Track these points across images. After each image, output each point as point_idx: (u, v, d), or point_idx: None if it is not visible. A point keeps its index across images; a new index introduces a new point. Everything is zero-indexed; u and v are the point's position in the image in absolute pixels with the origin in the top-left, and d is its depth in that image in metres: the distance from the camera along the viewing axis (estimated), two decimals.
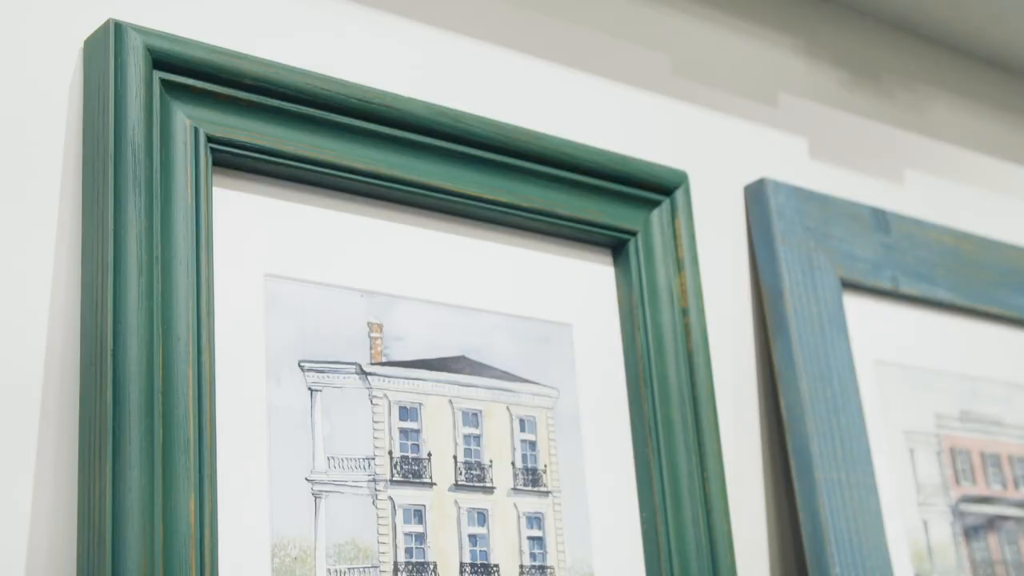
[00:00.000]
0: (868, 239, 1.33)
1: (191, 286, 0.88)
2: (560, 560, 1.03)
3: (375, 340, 0.99)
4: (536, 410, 1.06)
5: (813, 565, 1.16)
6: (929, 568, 1.26)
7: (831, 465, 1.19)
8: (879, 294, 1.34)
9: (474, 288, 1.06)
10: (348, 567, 0.93)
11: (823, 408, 1.21)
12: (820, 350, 1.23)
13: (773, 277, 1.24)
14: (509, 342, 1.07)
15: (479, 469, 1.02)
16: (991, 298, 1.44)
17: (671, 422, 1.10)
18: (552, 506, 1.05)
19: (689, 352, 1.13)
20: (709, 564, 1.08)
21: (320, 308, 0.97)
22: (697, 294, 1.16)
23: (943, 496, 1.31)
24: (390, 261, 1.02)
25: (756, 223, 1.27)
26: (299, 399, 0.94)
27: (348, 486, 0.95)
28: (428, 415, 1.00)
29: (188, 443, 0.85)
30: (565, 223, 1.12)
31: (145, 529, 0.81)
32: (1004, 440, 1.40)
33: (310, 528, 0.92)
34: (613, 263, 1.16)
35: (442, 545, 0.98)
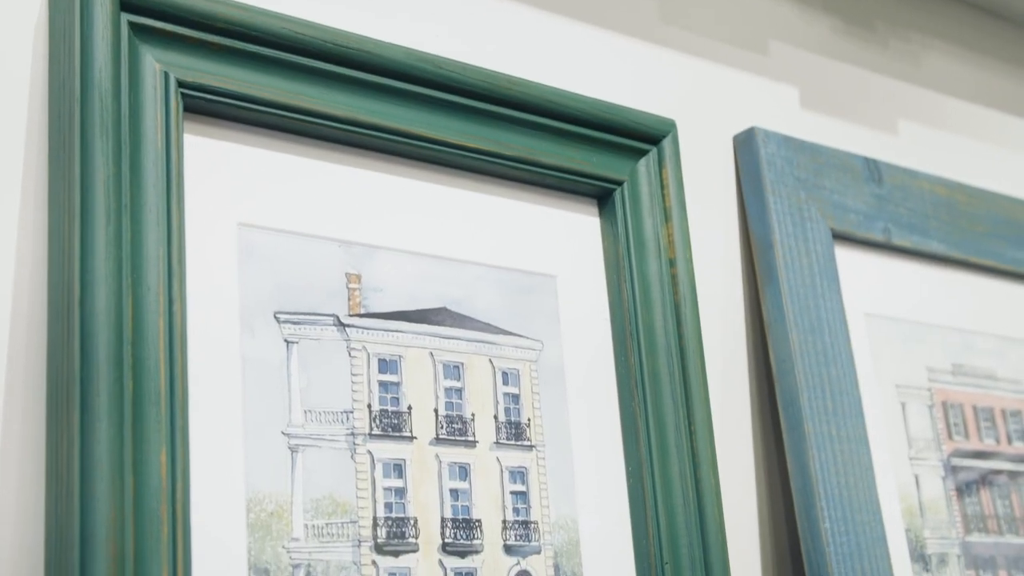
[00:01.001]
0: (860, 190, 1.31)
1: (161, 235, 0.86)
2: (544, 515, 1.01)
3: (353, 291, 0.97)
4: (519, 363, 1.04)
5: (803, 519, 1.14)
6: (920, 523, 1.24)
7: (821, 418, 1.17)
8: (871, 246, 1.32)
9: (456, 238, 1.04)
10: (326, 522, 0.91)
11: (813, 361, 1.19)
12: (811, 302, 1.21)
13: (763, 228, 1.22)
14: (492, 294, 1.04)
15: (461, 423, 1.00)
16: (985, 250, 1.42)
17: (658, 375, 1.08)
18: (536, 460, 1.03)
19: (676, 304, 1.11)
20: (696, 519, 1.06)
21: (296, 258, 0.95)
22: (685, 245, 1.13)
23: (935, 450, 1.29)
24: (368, 210, 1.00)
25: (746, 173, 1.25)
26: (275, 351, 0.92)
27: (326, 440, 0.93)
28: (408, 368, 0.98)
29: (159, 395, 0.83)
30: (550, 172, 1.09)
31: (115, 483, 0.79)
32: (997, 394, 1.38)
33: (286, 483, 0.90)
34: (599, 213, 1.13)
35: (423, 500, 0.96)
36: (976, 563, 1.28)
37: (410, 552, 0.94)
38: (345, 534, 0.91)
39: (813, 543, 1.13)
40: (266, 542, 0.87)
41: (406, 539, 0.94)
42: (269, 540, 0.87)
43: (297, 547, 0.89)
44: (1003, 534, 1.31)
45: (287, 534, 0.88)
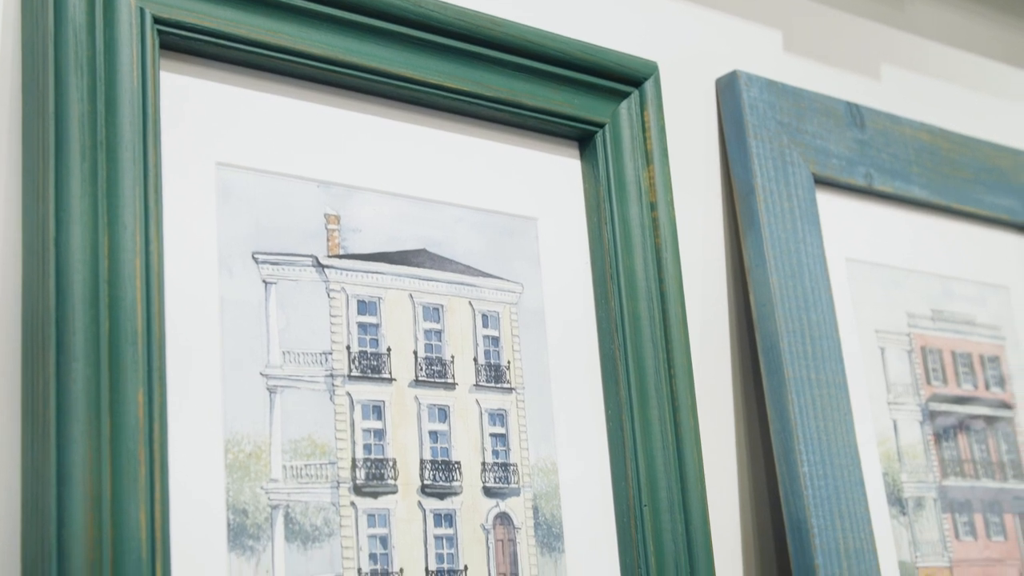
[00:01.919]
0: (842, 135, 1.31)
1: (138, 173, 0.85)
2: (523, 457, 1.01)
3: (332, 232, 0.96)
4: (499, 305, 1.04)
5: (781, 463, 1.14)
6: (898, 467, 1.25)
7: (801, 363, 1.17)
8: (853, 191, 1.32)
9: (436, 180, 1.03)
10: (304, 463, 0.91)
11: (793, 306, 1.19)
12: (791, 247, 1.21)
13: (744, 172, 1.21)
14: (472, 236, 1.04)
15: (440, 365, 0.99)
16: (966, 197, 1.42)
17: (638, 318, 1.08)
18: (515, 403, 1.02)
19: (657, 247, 1.11)
20: (675, 462, 1.06)
21: (274, 199, 0.94)
22: (666, 188, 1.13)
23: (913, 395, 1.30)
24: (348, 151, 0.99)
25: (728, 117, 1.24)
26: (253, 292, 0.91)
27: (304, 381, 0.92)
28: (387, 309, 0.98)
29: (136, 335, 0.82)
30: (531, 114, 1.08)
31: (91, 423, 0.78)
32: (975, 340, 1.38)
33: (265, 424, 0.89)
34: (580, 156, 1.13)
35: (402, 441, 0.96)
36: (952, 506, 1.28)
37: (389, 494, 0.94)
38: (324, 475, 0.91)
39: (791, 486, 1.13)
40: (244, 483, 0.87)
41: (385, 481, 0.94)
42: (247, 481, 0.87)
43: (275, 488, 0.89)
44: (979, 478, 1.32)
45: (265, 475, 0.88)
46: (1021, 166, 1.48)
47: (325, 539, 0.90)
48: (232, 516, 0.86)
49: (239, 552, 0.86)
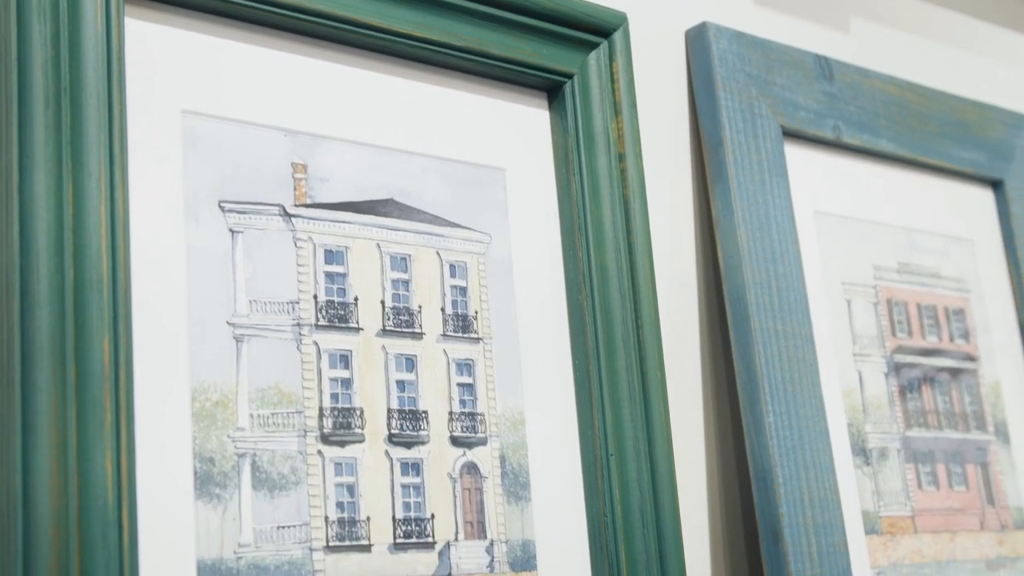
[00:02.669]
0: (811, 87, 1.31)
1: (102, 120, 0.84)
2: (490, 407, 1.02)
3: (299, 181, 0.96)
4: (467, 255, 1.04)
5: (747, 413, 1.15)
6: (862, 418, 1.26)
7: (767, 314, 1.17)
8: (821, 144, 1.32)
9: (404, 129, 1.03)
10: (271, 412, 0.91)
11: (761, 258, 1.19)
12: (759, 199, 1.21)
13: (713, 124, 1.22)
14: (440, 186, 1.04)
15: (407, 315, 1.00)
16: (934, 150, 1.42)
17: (605, 269, 1.08)
18: (483, 353, 1.03)
19: (625, 198, 1.11)
20: (642, 412, 1.06)
21: (241, 147, 0.94)
22: (634, 139, 1.13)
23: (879, 347, 1.31)
24: (315, 99, 0.98)
25: (697, 69, 1.24)
26: (219, 241, 0.91)
27: (271, 330, 0.92)
28: (355, 259, 0.98)
29: (101, 283, 0.82)
30: (499, 64, 1.08)
31: (56, 370, 0.78)
32: (941, 292, 1.39)
33: (231, 372, 0.89)
34: (548, 106, 1.12)
35: (369, 391, 0.96)
36: (915, 457, 1.30)
37: (356, 442, 0.94)
38: (291, 424, 0.91)
39: (757, 436, 1.14)
40: (211, 431, 0.87)
41: (352, 430, 0.94)
42: (214, 429, 0.87)
43: (242, 437, 0.89)
44: (942, 429, 1.34)
45: (232, 424, 0.88)
46: (988, 120, 1.49)
47: (292, 487, 0.90)
48: (199, 464, 0.86)
49: (206, 500, 0.86)
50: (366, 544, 0.93)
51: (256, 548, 0.87)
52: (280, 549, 0.88)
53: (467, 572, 0.97)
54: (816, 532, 1.14)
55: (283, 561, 0.88)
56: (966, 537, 1.31)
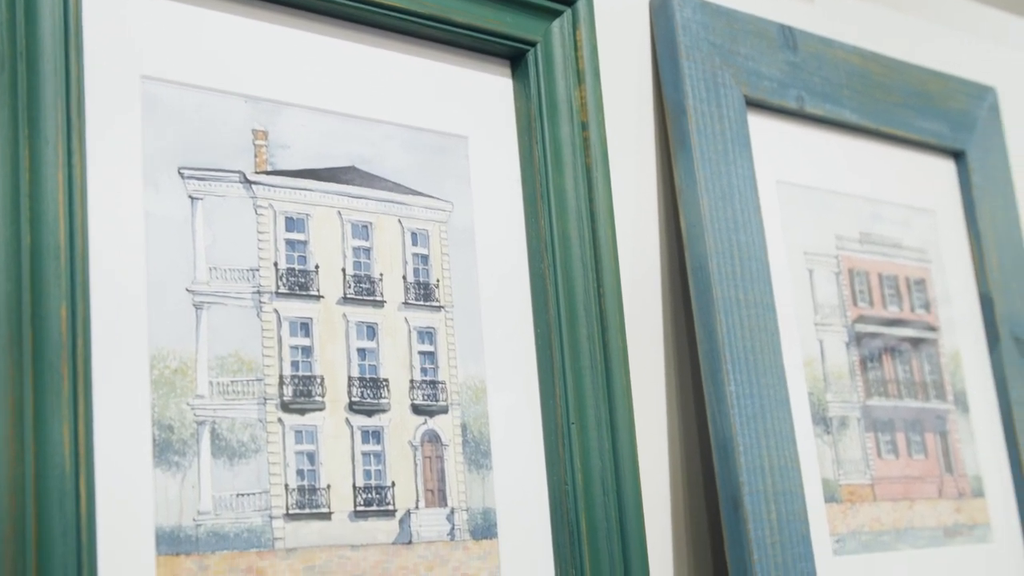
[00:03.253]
0: (775, 57, 1.31)
1: (59, 85, 0.83)
2: (452, 375, 1.02)
3: (260, 148, 0.96)
4: (429, 223, 1.04)
5: (708, 382, 1.15)
6: (823, 386, 1.27)
7: (729, 284, 1.18)
8: (784, 113, 1.32)
9: (365, 96, 1.02)
10: (231, 379, 0.90)
11: (723, 227, 1.19)
12: (722, 168, 1.21)
13: (676, 93, 1.21)
14: (402, 153, 1.03)
15: (369, 282, 0.99)
16: (896, 120, 1.43)
17: (568, 237, 1.08)
18: (444, 321, 1.03)
19: (588, 167, 1.11)
20: (603, 380, 1.07)
21: (201, 113, 0.93)
22: (597, 108, 1.13)
23: (840, 316, 1.31)
24: (276, 66, 0.98)
25: (661, 37, 1.24)
26: (179, 207, 0.91)
27: (231, 297, 0.92)
28: (315, 226, 0.97)
29: (58, 249, 0.81)
30: (462, 32, 1.07)
31: (12, 337, 0.78)
32: (902, 262, 1.40)
33: (191, 340, 0.89)
34: (512, 74, 1.12)
35: (329, 358, 0.96)
36: (875, 426, 1.30)
37: (316, 410, 0.94)
38: (251, 392, 0.91)
39: (718, 405, 1.15)
40: (170, 399, 0.87)
41: (312, 397, 0.94)
42: (173, 397, 0.87)
43: (201, 404, 0.88)
44: (902, 398, 1.34)
45: (191, 391, 0.88)
46: (950, 91, 1.49)
47: (252, 455, 0.90)
48: (157, 432, 0.86)
49: (164, 468, 0.86)
50: (326, 512, 0.93)
51: (215, 516, 0.87)
52: (240, 517, 0.88)
53: (428, 540, 0.97)
54: (776, 500, 1.15)
55: (243, 529, 0.88)
56: (924, 505, 1.32)
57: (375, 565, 0.94)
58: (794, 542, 1.15)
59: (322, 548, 0.92)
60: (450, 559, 0.98)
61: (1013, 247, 1.50)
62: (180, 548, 0.85)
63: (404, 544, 0.96)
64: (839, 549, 1.22)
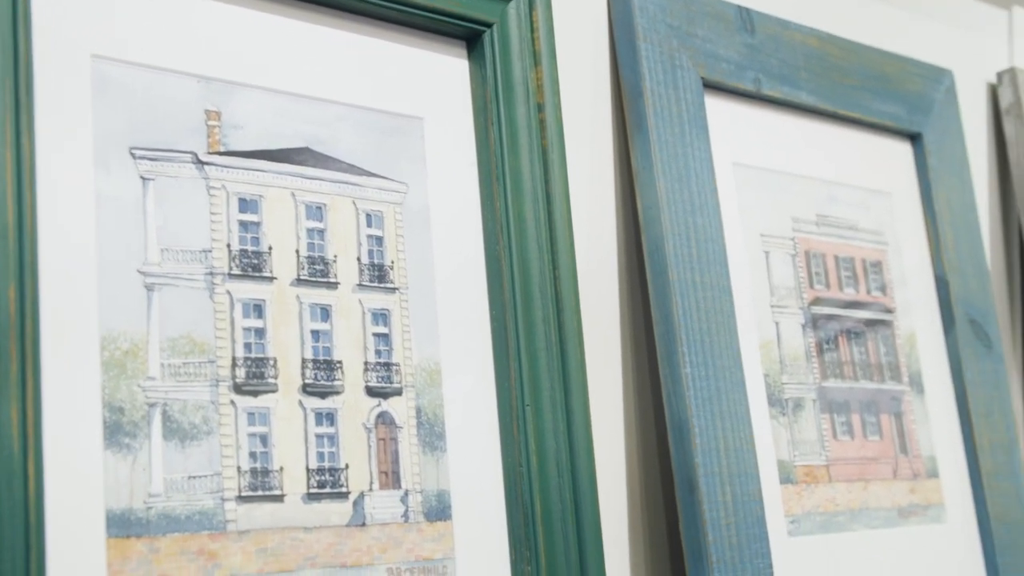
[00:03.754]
0: (732, 39, 1.31)
1: (7, 63, 0.83)
2: (406, 356, 1.02)
3: (212, 128, 0.95)
4: (384, 205, 1.03)
5: (664, 364, 1.16)
6: (779, 368, 1.27)
7: (685, 266, 1.18)
8: (741, 96, 1.33)
9: (320, 77, 1.02)
10: (183, 361, 0.90)
11: (680, 209, 1.19)
12: (679, 150, 1.21)
13: (633, 75, 1.21)
14: (356, 134, 1.03)
15: (322, 264, 0.99)
16: (853, 103, 1.43)
17: (523, 219, 1.08)
18: (399, 302, 1.02)
19: (544, 148, 1.11)
20: (559, 363, 1.07)
21: (153, 93, 0.92)
22: (554, 90, 1.12)
23: (796, 298, 1.32)
24: (229, 46, 0.97)
25: (618, 19, 1.24)
26: (130, 188, 0.90)
27: (183, 279, 0.91)
28: (269, 208, 0.97)
29: (6, 229, 0.80)
30: (418, 12, 1.07)
31: None
32: (858, 244, 1.41)
33: (142, 321, 0.88)
34: (468, 56, 1.12)
35: (283, 340, 0.95)
36: (831, 407, 1.31)
37: (269, 392, 0.94)
38: (203, 374, 0.91)
39: (674, 387, 1.15)
40: (120, 380, 0.86)
41: (265, 379, 0.94)
42: (124, 379, 0.87)
43: (153, 386, 0.88)
44: (858, 379, 1.35)
45: (142, 373, 0.88)
46: (907, 73, 1.50)
47: (204, 437, 0.90)
48: (108, 414, 0.85)
49: (115, 450, 0.85)
50: (279, 494, 0.92)
51: (167, 498, 0.87)
52: (191, 499, 0.88)
53: (381, 522, 0.97)
54: (731, 481, 1.15)
55: (194, 511, 0.88)
56: (879, 486, 1.33)
57: (328, 547, 0.94)
58: (749, 523, 1.16)
59: (274, 530, 0.91)
60: (404, 541, 0.98)
61: (969, 229, 1.51)
62: (131, 531, 0.85)
63: (358, 526, 0.96)
64: (794, 530, 1.23)
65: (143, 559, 0.85)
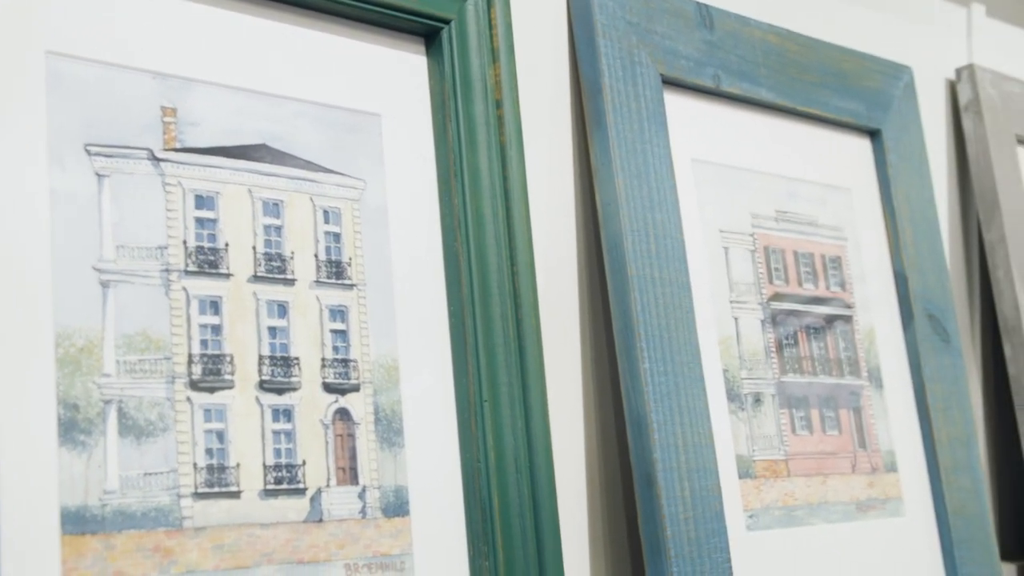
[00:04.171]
0: (691, 36, 1.31)
1: None
2: (364, 353, 1.02)
3: (168, 125, 0.95)
4: (341, 201, 1.04)
5: (623, 360, 1.16)
6: (738, 364, 1.28)
7: (644, 262, 1.18)
8: (701, 92, 1.33)
9: (278, 74, 1.02)
10: (139, 358, 0.90)
11: (638, 206, 1.20)
12: (638, 147, 1.22)
13: (592, 72, 1.22)
14: (314, 131, 1.03)
15: (280, 261, 0.99)
16: (812, 99, 1.44)
17: (481, 216, 1.08)
18: (357, 299, 1.03)
19: (502, 145, 1.11)
20: (517, 359, 1.07)
21: (108, 90, 0.92)
22: (512, 86, 1.13)
23: (755, 294, 1.32)
24: (185, 42, 0.97)
25: (577, 16, 1.24)
26: (85, 185, 0.90)
27: (139, 276, 0.91)
28: (225, 204, 0.97)
29: None
30: (375, 9, 1.07)
31: None
32: (818, 240, 1.42)
33: (97, 318, 0.88)
34: (426, 52, 1.12)
35: (240, 337, 0.95)
36: (790, 402, 1.32)
37: (226, 389, 0.94)
38: (159, 370, 0.91)
39: (632, 382, 1.15)
40: (75, 377, 0.86)
41: (222, 376, 0.94)
42: (79, 375, 0.86)
43: (108, 383, 0.88)
44: (816, 375, 1.36)
45: (98, 370, 0.87)
46: (866, 70, 1.51)
47: (160, 434, 0.90)
48: (62, 411, 0.85)
49: (70, 447, 0.85)
50: (235, 491, 0.92)
51: (122, 495, 0.87)
52: (147, 496, 0.88)
53: (339, 518, 0.97)
54: (690, 476, 1.16)
55: (150, 508, 0.88)
56: (838, 480, 1.34)
57: (285, 543, 0.94)
58: (708, 518, 1.16)
59: (231, 527, 0.91)
60: (361, 537, 0.98)
61: (927, 225, 1.52)
62: (86, 528, 0.85)
63: (315, 522, 0.96)
64: (753, 524, 1.24)
65: (98, 556, 0.85)
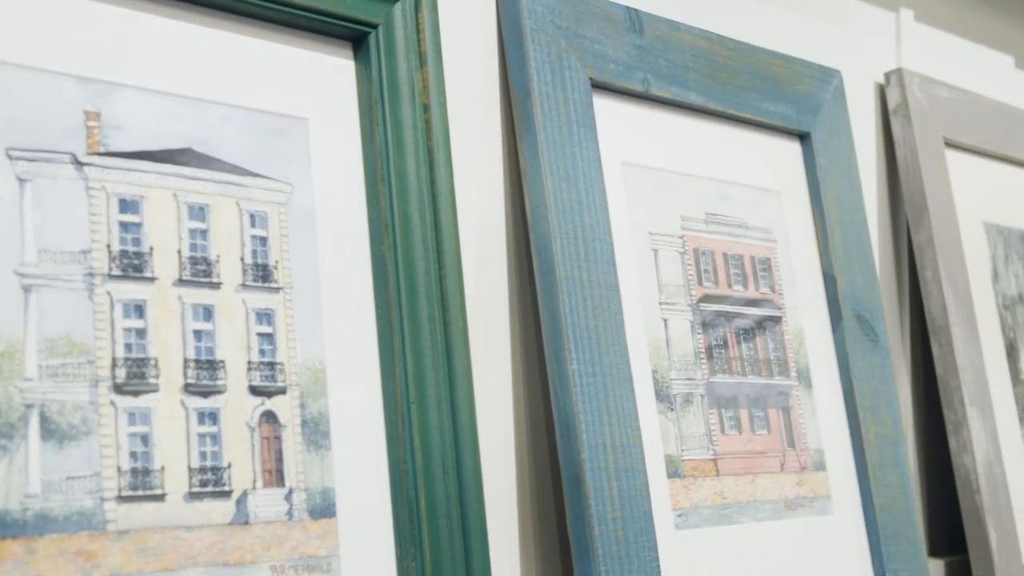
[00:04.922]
0: (621, 40, 1.33)
1: None
2: (291, 356, 1.02)
3: (92, 129, 0.95)
4: (268, 205, 1.04)
5: (552, 361, 1.17)
6: (667, 364, 1.29)
7: (573, 264, 1.20)
8: (630, 96, 1.34)
9: (203, 77, 1.02)
10: (61, 362, 0.90)
11: (567, 208, 1.21)
12: (567, 150, 1.23)
13: (521, 76, 1.23)
14: (240, 135, 1.03)
15: (205, 264, 0.99)
16: (742, 103, 1.46)
17: (409, 220, 1.09)
18: (283, 302, 1.03)
19: (430, 149, 1.12)
20: (444, 360, 1.08)
21: (30, 94, 0.92)
22: (439, 90, 1.14)
23: (685, 296, 1.34)
24: (109, 46, 0.97)
25: (506, 20, 1.25)
26: (7, 189, 0.90)
27: (62, 280, 0.91)
28: (150, 208, 0.97)
29: None
30: (303, 13, 1.08)
31: None
32: (748, 242, 1.43)
33: (19, 322, 0.88)
34: (353, 57, 1.12)
35: (164, 340, 0.96)
36: (719, 402, 1.34)
37: (150, 392, 0.94)
38: (82, 374, 0.91)
39: (560, 383, 1.16)
40: None
41: (146, 379, 0.94)
42: (0, 380, 0.86)
43: (30, 387, 0.88)
44: (746, 375, 1.38)
45: (19, 374, 0.88)
46: (796, 74, 1.53)
47: (83, 438, 0.90)
48: None
49: None
50: (160, 493, 0.93)
51: (44, 499, 0.87)
52: (70, 499, 0.88)
53: (265, 520, 0.98)
54: (618, 476, 1.17)
55: (73, 511, 0.88)
56: (767, 479, 1.35)
57: (211, 546, 0.94)
58: (636, 517, 1.18)
59: (155, 530, 0.92)
60: (288, 539, 0.98)
61: (856, 227, 1.55)
62: (7, 532, 0.85)
63: (241, 524, 0.96)
64: (681, 523, 1.25)
65: (19, 560, 0.85)
